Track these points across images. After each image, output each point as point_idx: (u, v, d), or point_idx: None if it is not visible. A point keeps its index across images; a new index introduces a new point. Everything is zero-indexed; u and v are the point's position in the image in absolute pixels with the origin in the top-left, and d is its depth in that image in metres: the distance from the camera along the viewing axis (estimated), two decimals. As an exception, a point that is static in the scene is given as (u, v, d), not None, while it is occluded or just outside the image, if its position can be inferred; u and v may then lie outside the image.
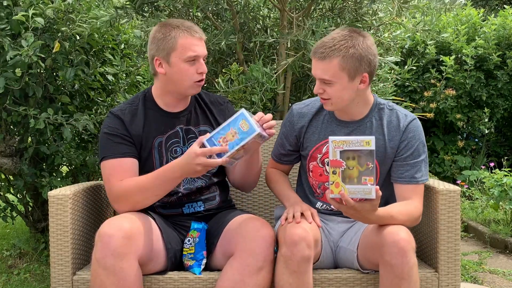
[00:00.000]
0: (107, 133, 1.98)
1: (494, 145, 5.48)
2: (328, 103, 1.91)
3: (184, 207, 2.07)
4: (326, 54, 1.83)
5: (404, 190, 1.93)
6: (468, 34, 5.08)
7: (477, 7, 10.09)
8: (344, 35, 1.85)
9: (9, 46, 2.66)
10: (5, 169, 3.02)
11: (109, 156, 1.95)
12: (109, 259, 1.70)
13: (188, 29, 1.96)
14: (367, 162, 1.63)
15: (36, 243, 3.40)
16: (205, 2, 2.81)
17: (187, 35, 1.94)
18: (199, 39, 1.97)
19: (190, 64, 1.95)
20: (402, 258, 1.72)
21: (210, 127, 2.08)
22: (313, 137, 2.04)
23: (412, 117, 1.98)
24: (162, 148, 2.03)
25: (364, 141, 1.63)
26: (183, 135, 2.05)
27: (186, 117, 2.07)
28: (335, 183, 1.65)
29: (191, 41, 1.95)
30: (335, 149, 1.65)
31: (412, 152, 1.94)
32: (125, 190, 1.91)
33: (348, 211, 1.70)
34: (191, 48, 1.94)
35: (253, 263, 1.78)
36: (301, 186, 2.14)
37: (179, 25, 1.97)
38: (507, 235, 3.61)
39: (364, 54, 1.84)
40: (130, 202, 1.91)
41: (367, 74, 1.87)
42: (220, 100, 2.18)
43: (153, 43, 1.98)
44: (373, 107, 1.99)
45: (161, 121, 2.04)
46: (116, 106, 2.08)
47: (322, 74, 1.85)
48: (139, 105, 2.05)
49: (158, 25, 2.01)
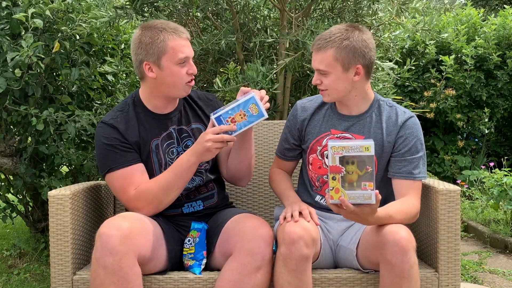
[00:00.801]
0: (106, 143, 1.96)
1: (494, 145, 5.48)
2: (326, 94, 1.99)
3: (183, 207, 2.07)
4: (322, 45, 1.93)
5: (401, 186, 1.95)
6: (468, 34, 5.08)
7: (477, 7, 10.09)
8: (341, 29, 1.95)
9: (9, 46, 2.67)
10: (5, 169, 3.02)
11: (116, 167, 1.94)
12: (108, 259, 1.70)
13: (175, 31, 1.93)
14: (366, 166, 1.63)
15: (36, 243, 3.40)
16: (205, 2, 2.81)
17: (175, 37, 1.92)
18: (186, 39, 1.95)
19: (181, 66, 1.94)
20: (402, 257, 1.72)
21: (202, 124, 2.09)
22: (314, 130, 2.07)
23: (411, 114, 2.03)
24: (159, 150, 2.02)
25: (363, 146, 1.63)
26: (177, 135, 2.05)
27: (177, 117, 2.07)
28: (335, 188, 1.65)
29: (180, 42, 1.93)
30: (334, 155, 1.64)
31: (410, 148, 1.97)
32: (146, 194, 1.92)
33: (348, 215, 1.71)
34: (181, 50, 1.92)
35: (252, 263, 1.78)
36: (301, 180, 2.17)
37: (165, 27, 1.93)
38: (507, 235, 3.61)
39: (358, 46, 1.92)
40: (155, 203, 1.93)
41: (361, 66, 1.93)
42: (208, 96, 2.17)
43: (139, 47, 1.93)
44: (373, 103, 2.04)
45: (154, 124, 2.03)
46: (105, 115, 2.04)
47: (318, 64, 1.94)
48: (130, 111, 2.02)
49: (141, 28, 1.96)
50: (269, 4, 3.07)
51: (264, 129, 2.47)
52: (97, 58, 3.22)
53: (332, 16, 3.07)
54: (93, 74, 3.13)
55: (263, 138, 2.46)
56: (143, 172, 1.97)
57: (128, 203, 1.95)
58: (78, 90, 3.15)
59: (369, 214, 1.70)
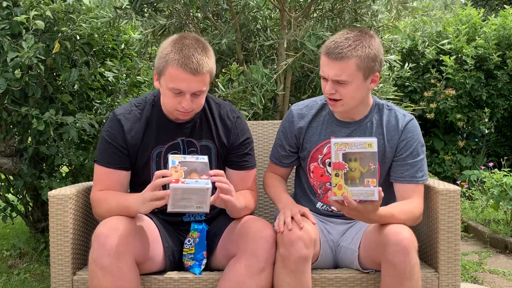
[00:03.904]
0: (105, 138, 1.96)
1: (494, 145, 5.48)
2: (339, 104, 1.90)
3: (184, 216, 2.05)
4: (343, 54, 1.82)
5: (404, 190, 1.94)
6: (468, 34, 5.08)
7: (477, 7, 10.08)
8: (357, 35, 1.86)
9: (9, 47, 2.67)
10: (5, 169, 3.02)
11: (100, 162, 1.96)
12: (105, 259, 1.70)
13: (185, 59, 1.78)
14: (369, 163, 1.63)
15: (36, 243, 3.40)
16: (205, 2, 2.81)
17: (178, 66, 1.79)
18: (191, 73, 1.79)
19: (174, 95, 1.83)
20: (404, 257, 1.72)
21: (212, 143, 2.01)
22: (314, 138, 2.03)
23: (410, 117, 2.00)
24: (160, 159, 1.98)
25: (366, 143, 1.63)
26: (184, 147, 1.99)
27: (190, 128, 1.99)
28: (338, 185, 1.64)
29: (180, 74, 1.79)
30: (337, 152, 1.64)
31: (412, 151, 1.95)
32: (96, 202, 1.93)
33: (350, 212, 1.70)
34: (176, 82, 1.80)
35: (255, 264, 1.77)
36: (301, 187, 2.14)
37: (183, 48, 1.80)
38: (507, 235, 3.61)
39: (377, 53, 1.87)
40: (97, 212, 1.95)
41: (378, 74, 1.90)
42: (230, 115, 2.03)
43: (157, 55, 1.89)
44: (372, 107, 2.00)
45: (163, 130, 1.98)
46: (121, 106, 1.99)
47: (338, 74, 1.84)
48: (145, 110, 1.98)
49: (172, 38, 1.88)
50: (269, 4, 3.07)
51: (264, 129, 2.47)
52: (98, 58, 3.22)
53: (332, 17, 3.07)
54: (93, 74, 3.13)
55: (263, 138, 2.46)
56: (118, 180, 1.95)
57: (91, 198, 1.98)
58: (79, 90, 3.15)
59: (371, 212, 1.70)
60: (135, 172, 2.00)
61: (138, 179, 2.00)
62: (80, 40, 2.96)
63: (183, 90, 1.82)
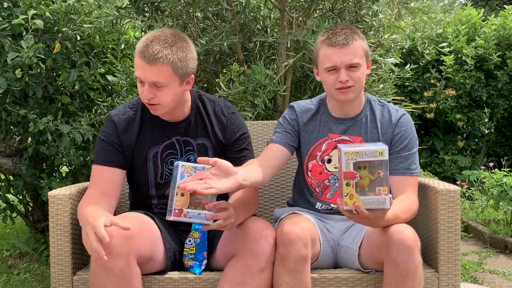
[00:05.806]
0: (101, 138, 1.98)
1: (494, 145, 5.48)
2: (351, 91, 1.93)
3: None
4: (349, 39, 1.90)
5: (399, 182, 1.96)
6: (468, 34, 5.08)
7: (477, 7, 10.09)
8: (346, 25, 1.97)
9: (10, 47, 2.67)
10: (5, 169, 3.02)
11: (97, 161, 1.96)
12: (107, 260, 1.70)
13: (144, 48, 1.80)
14: (378, 170, 1.62)
15: (36, 243, 3.40)
16: (206, 2, 2.81)
17: (137, 54, 1.82)
18: (145, 62, 1.79)
19: (139, 84, 1.86)
20: (408, 256, 1.72)
21: (209, 141, 2.01)
22: (312, 136, 2.06)
23: (403, 112, 2.05)
24: (157, 159, 1.99)
25: (377, 151, 1.62)
26: (180, 146, 2.00)
27: (185, 127, 2.00)
28: (349, 194, 1.63)
29: (138, 63, 1.82)
30: (348, 161, 1.62)
31: (406, 144, 1.99)
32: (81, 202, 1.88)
33: (360, 220, 1.70)
34: (136, 69, 1.84)
35: (256, 264, 1.77)
36: (298, 188, 2.14)
37: (151, 39, 1.82)
38: (507, 235, 3.61)
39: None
40: None
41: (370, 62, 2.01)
42: (225, 111, 2.04)
43: None
44: (365, 103, 2.05)
45: (157, 130, 1.99)
46: (116, 108, 2.02)
47: (351, 58, 1.90)
48: (138, 111, 2.00)
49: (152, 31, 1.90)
50: (269, 4, 3.07)
51: (264, 129, 2.47)
52: (98, 59, 3.22)
53: (332, 17, 3.07)
54: (94, 75, 3.13)
55: (263, 138, 2.46)
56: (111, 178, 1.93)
57: None
58: (79, 90, 3.15)
59: (380, 218, 1.70)
60: (134, 173, 2.01)
61: (137, 179, 2.00)
62: (81, 40, 2.96)
63: (141, 78, 1.83)
